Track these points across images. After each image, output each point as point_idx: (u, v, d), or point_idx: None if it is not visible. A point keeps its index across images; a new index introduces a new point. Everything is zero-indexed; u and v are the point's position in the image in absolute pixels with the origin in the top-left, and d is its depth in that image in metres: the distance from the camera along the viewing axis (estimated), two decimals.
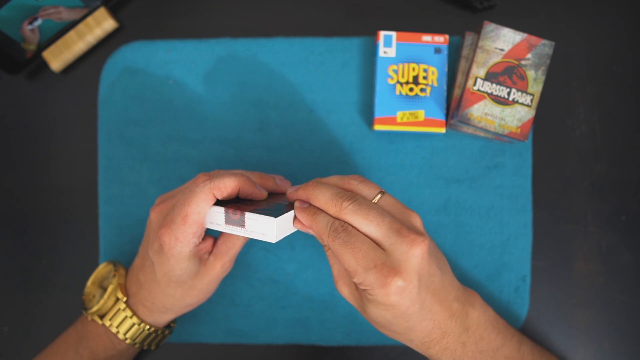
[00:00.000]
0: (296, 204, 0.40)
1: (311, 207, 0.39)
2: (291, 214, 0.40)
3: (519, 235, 0.51)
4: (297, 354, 0.53)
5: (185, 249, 0.40)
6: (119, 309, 0.45)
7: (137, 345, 0.46)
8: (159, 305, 0.45)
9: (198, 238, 0.40)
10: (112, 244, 0.53)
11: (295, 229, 0.41)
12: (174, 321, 0.50)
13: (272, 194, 0.45)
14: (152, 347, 0.48)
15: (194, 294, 0.44)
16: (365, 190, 0.40)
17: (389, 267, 0.35)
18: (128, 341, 0.45)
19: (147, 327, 0.45)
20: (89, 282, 0.48)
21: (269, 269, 0.52)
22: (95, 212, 0.53)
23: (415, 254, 0.36)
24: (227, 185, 0.38)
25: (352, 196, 0.37)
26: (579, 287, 0.51)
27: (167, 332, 0.48)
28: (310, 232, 0.40)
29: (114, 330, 0.45)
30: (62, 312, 0.53)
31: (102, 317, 0.45)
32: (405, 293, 0.36)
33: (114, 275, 0.46)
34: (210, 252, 0.44)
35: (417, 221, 0.39)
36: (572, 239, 0.52)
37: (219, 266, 0.43)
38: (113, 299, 0.45)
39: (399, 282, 0.35)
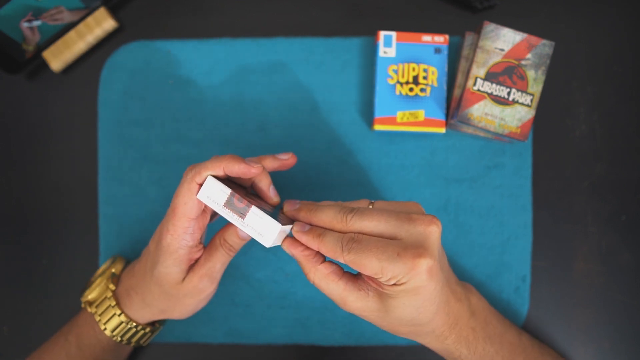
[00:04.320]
0: (296, 227, 0.39)
1: (315, 229, 0.39)
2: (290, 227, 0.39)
3: (519, 235, 0.51)
4: (297, 354, 0.53)
5: (174, 244, 0.39)
6: (105, 297, 0.46)
7: (116, 339, 0.46)
8: (141, 296, 0.45)
9: (191, 236, 0.40)
10: (112, 244, 0.53)
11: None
12: (160, 323, 0.50)
13: (256, 198, 0.42)
14: (132, 344, 0.47)
15: (170, 302, 0.44)
16: (357, 203, 0.41)
17: (411, 250, 0.35)
18: (107, 332, 0.45)
19: (128, 320, 0.45)
20: (97, 272, 0.50)
21: (269, 269, 0.52)
22: (95, 212, 0.53)
23: (433, 231, 0.36)
24: (208, 168, 0.38)
25: (351, 209, 0.38)
26: (579, 287, 0.51)
27: (148, 329, 0.47)
28: (296, 254, 0.39)
29: (97, 318, 0.45)
30: (62, 312, 0.53)
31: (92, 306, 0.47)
32: (434, 271, 0.36)
33: (110, 264, 0.47)
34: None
35: (418, 207, 0.40)
36: (572, 239, 0.52)
37: (196, 279, 0.42)
38: (103, 287, 0.47)
39: (427, 260, 0.35)
